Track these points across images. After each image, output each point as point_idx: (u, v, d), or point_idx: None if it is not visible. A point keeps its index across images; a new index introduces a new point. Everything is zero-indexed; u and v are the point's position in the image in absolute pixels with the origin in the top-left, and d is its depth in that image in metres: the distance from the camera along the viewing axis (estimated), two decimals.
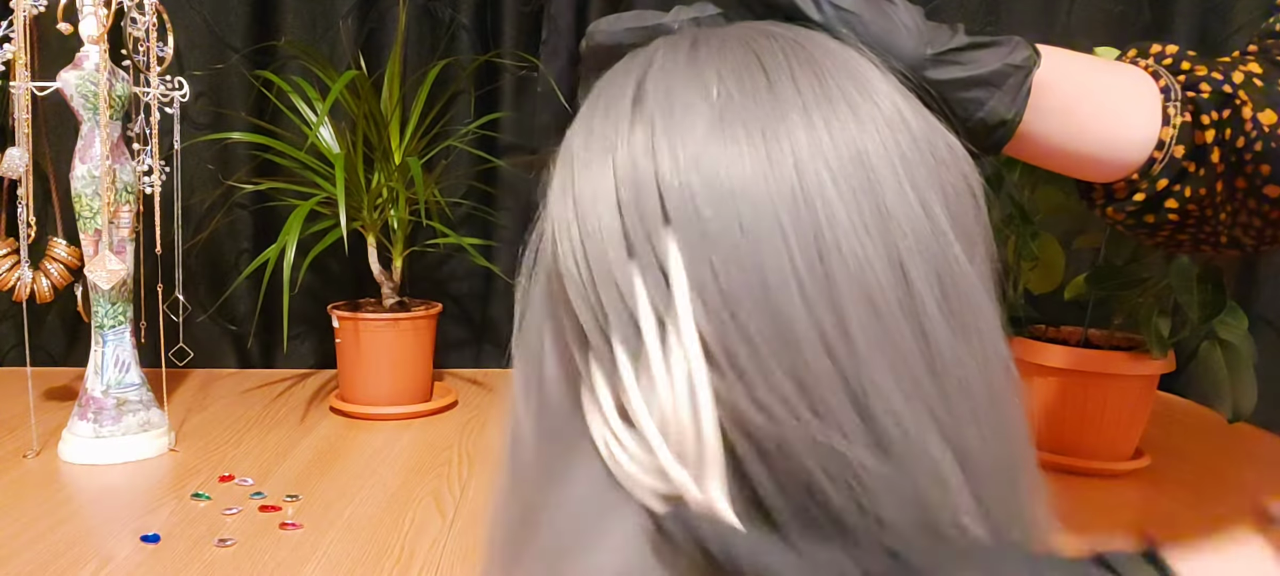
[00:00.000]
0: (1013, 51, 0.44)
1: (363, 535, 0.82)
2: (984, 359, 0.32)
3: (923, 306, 0.31)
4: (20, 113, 0.95)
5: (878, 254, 0.30)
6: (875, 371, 0.30)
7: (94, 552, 0.77)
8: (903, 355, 0.30)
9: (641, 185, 0.31)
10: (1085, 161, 0.49)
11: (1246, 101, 0.48)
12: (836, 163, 0.31)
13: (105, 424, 0.99)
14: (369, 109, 1.14)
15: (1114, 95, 0.49)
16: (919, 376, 0.30)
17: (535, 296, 0.36)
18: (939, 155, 0.33)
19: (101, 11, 0.95)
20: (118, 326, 1.00)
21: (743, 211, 0.30)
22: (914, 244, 0.31)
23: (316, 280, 1.37)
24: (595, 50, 0.39)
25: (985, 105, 0.44)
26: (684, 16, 0.38)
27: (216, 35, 1.32)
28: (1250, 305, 1.25)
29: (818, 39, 0.35)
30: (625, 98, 0.34)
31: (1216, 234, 0.52)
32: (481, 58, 1.34)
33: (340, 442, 1.07)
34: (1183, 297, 0.88)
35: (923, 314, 0.31)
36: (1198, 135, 0.49)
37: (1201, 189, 0.50)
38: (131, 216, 0.99)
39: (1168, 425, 1.17)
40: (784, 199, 0.30)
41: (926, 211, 0.32)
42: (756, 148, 0.31)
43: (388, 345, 1.16)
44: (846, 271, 0.30)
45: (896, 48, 0.40)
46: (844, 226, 0.30)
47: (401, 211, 1.18)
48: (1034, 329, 1.05)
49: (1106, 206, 0.52)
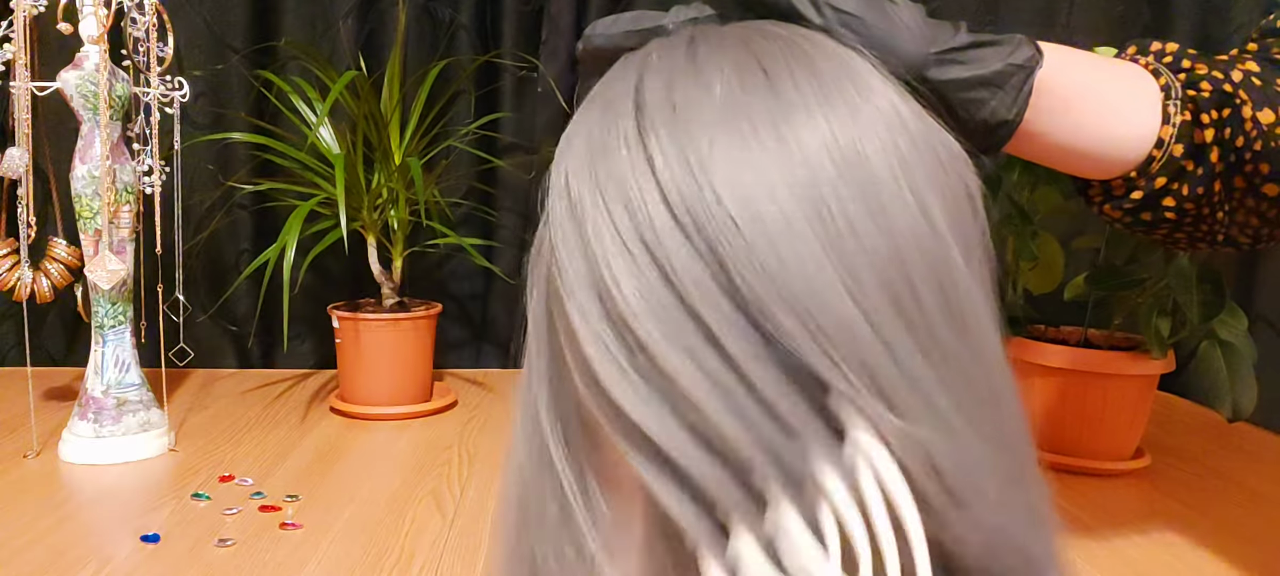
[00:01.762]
0: (1015, 50, 0.44)
1: (363, 535, 0.82)
2: (983, 359, 0.32)
3: (923, 305, 0.31)
4: (20, 113, 0.95)
5: (884, 252, 0.30)
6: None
7: (94, 552, 0.77)
8: (918, 352, 0.30)
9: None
10: (1084, 159, 0.49)
11: (1246, 101, 0.48)
12: (841, 161, 0.31)
13: (105, 424, 0.99)
14: (369, 109, 1.14)
15: (1114, 93, 0.49)
16: (929, 377, 0.30)
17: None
18: (937, 157, 0.33)
19: (101, 11, 0.95)
20: (118, 326, 1.00)
21: (770, 214, 0.29)
22: (913, 244, 0.31)
23: (316, 280, 1.37)
24: (593, 53, 0.39)
25: (987, 105, 0.44)
26: (682, 17, 0.38)
27: (216, 35, 1.32)
28: (1250, 305, 1.25)
29: (815, 39, 0.35)
30: (628, 117, 0.32)
31: (1213, 232, 0.52)
32: (481, 58, 1.34)
33: (340, 442, 1.07)
34: (1182, 298, 0.88)
35: (924, 312, 0.31)
36: (1197, 134, 0.49)
37: (1199, 188, 0.50)
38: (131, 216, 0.99)
39: (1168, 425, 1.17)
40: (806, 199, 0.29)
41: (924, 212, 0.31)
42: (766, 145, 0.30)
43: (388, 345, 1.17)
44: (871, 268, 0.30)
45: (898, 48, 0.40)
46: (861, 224, 0.30)
47: (401, 211, 1.18)
48: (1034, 329, 1.05)
49: (1104, 204, 0.52)
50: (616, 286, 0.29)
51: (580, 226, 0.31)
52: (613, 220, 0.30)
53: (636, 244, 0.29)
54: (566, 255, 0.31)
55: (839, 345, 0.28)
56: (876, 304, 0.29)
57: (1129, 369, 0.96)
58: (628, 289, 0.29)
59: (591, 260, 0.30)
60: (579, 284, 0.30)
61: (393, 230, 1.20)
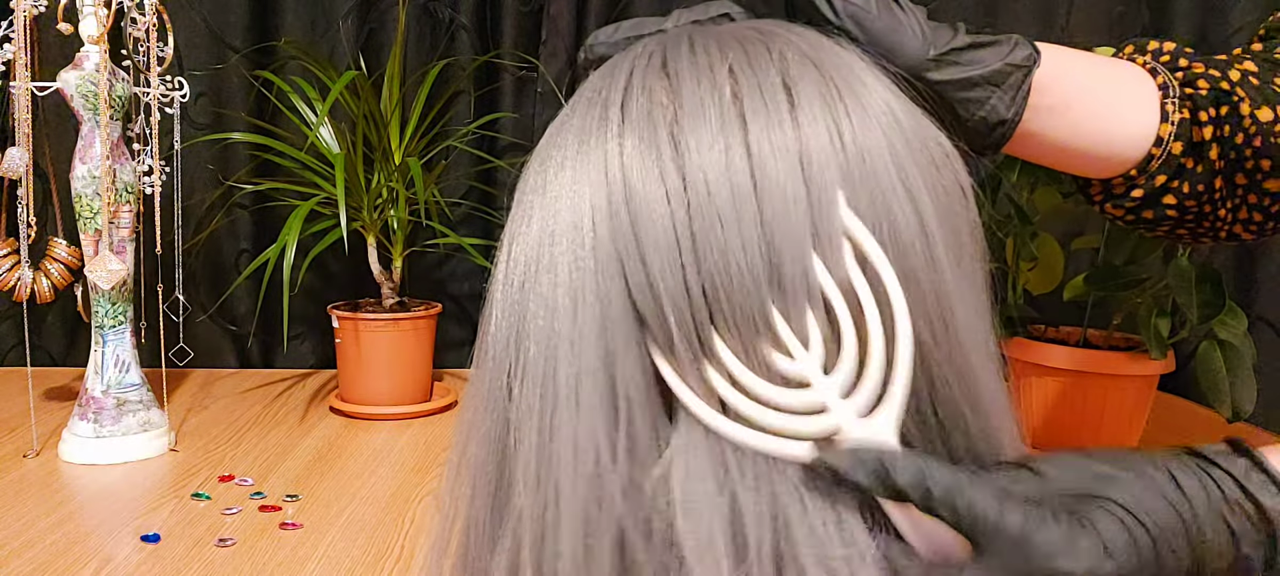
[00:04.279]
0: (1013, 50, 0.45)
1: (363, 535, 0.82)
2: (961, 348, 0.33)
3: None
4: (20, 113, 0.95)
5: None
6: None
7: (94, 552, 0.77)
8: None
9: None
10: (1083, 158, 0.49)
11: (1244, 98, 0.48)
12: (849, 153, 0.32)
13: (105, 424, 0.99)
14: (369, 109, 1.14)
15: (1112, 93, 0.49)
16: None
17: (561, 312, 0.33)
18: (931, 155, 0.34)
19: (101, 12, 0.95)
20: (118, 326, 1.00)
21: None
22: (905, 242, 0.32)
23: (316, 280, 1.37)
24: (596, 62, 0.39)
25: (986, 104, 0.44)
26: (684, 21, 0.39)
27: (216, 35, 1.32)
28: (1250, 305, 1.25)
29: (810, 36, 0.36)
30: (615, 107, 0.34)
31: (1216, 228, 0.52)
32: (481, 58, 1.34)
33: (340, 442, 1.07)
34: (1182, 298, 0.88)
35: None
36: (1196, 132, 0.49)
37: (1200, 185, 0.50)
38: (131, 216, 1.00)
39: (1168, 425, 1.17)
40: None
41: (917, 209, 0.32)
42: (785, 129, 0.32)
43: (387, 345, 1.17)
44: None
45: (902, 48, 0.40)
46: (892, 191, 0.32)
47: (401, 211, 1.18)
48: (1033, 329, 1.05)
49: (1105, 202, 0.52)
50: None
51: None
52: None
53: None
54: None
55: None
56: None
57: (1129, 369, 0.96)
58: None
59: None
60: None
61: (393, 230, 1.20)
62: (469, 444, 0.36)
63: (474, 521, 0.35)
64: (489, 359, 0.35)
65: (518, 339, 0.34)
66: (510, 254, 0.35)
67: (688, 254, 0.31)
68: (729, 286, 0.31)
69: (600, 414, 0.31)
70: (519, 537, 0.33)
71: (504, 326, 0.34)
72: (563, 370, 0.32)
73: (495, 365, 0.34)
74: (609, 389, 0.32)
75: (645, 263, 0.31)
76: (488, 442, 0.35)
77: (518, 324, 0.34)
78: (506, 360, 0.34)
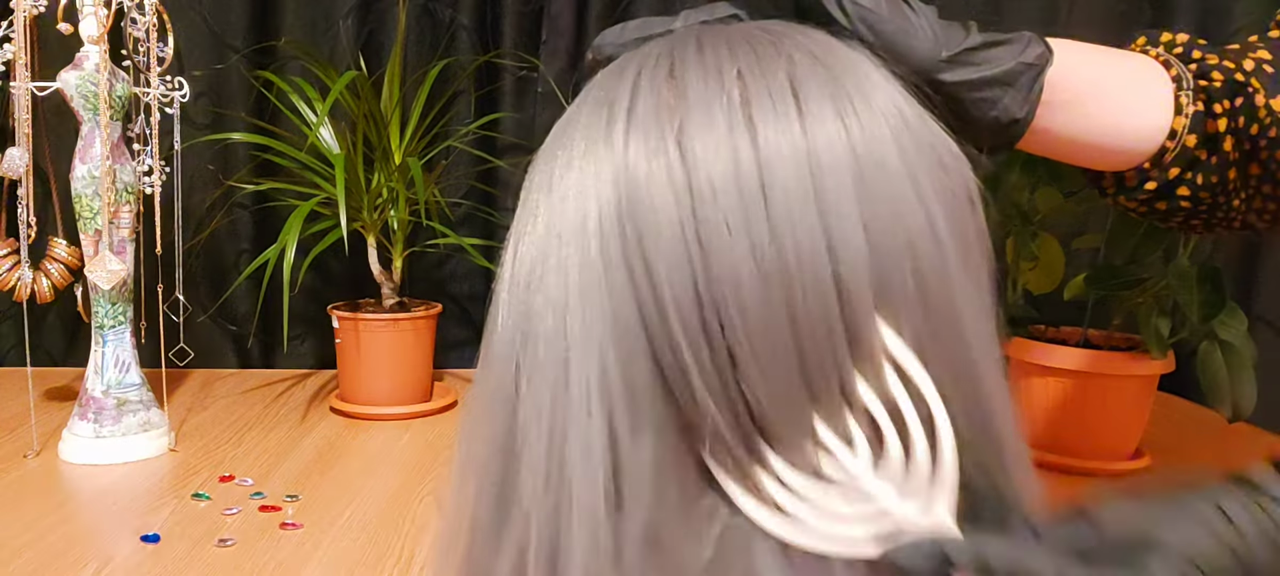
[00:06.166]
0: (1026, 49, 0.44)
1: (363, 535, 0.82)
2: (966, 346, 0.33)
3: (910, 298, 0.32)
4: (20, 113, 0.95)
5: (882, 249, 0.32)
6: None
7: (94, 552, 0.77)
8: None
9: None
10: (1097, 152, 0.49)
11: (1259, 89, 0.48)
12: (858, 155, 0.31)
13: (105, 424, 0.99)
14: (369, 109, 1.14)
15: (1125, 86, 0.49)
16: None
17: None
18: (939, 159, 0.33)
19: (101, 12, 0.95)
20: (118, 326, 1.00)
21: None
22: (912, 243, 0.32)
23: (316, 280, 1.37)
24: (604, 62, 0.39)
25: (999, 104, 0.44)
26: (693, 21, 0.38)
27: (216, 35, 1.32)
28: (1250, 305, 1.25)
29: (820, 38, 0.35)
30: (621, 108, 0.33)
31: (1230, 218, 0.52)
32: (481, 58, 1.34)
33: (340, 442, 1.07)
34: (1182, 298, 0.88)
35: (908, 303, 0.32)
36: (1210, 123, 0.49)
37: (1213, 177, 0.50)
38: (131, 216, 0.99)
39: (1168, 425, 1.17)
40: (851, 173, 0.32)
41: (927, 212, 0.32)
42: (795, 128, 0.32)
43: (388, 345, 1.16)
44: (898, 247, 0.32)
45: (913, 49, 0.40)
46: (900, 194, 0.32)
47: (401, 211, 1.18)
48: (1034, 329, 1.05)
49: (1118, 194, 0.52)
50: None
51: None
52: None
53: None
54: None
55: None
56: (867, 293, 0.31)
57: (1129, 369, 0.96)
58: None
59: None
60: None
61: (393, 230, 1.20)
62: (473, 443, 0.36)
63: (477, 521, 0.35)
64: (495, 357, 0.35)
65: (525, 339, 0.33)
66: (516, 253, 0.35)
67: (697, 260, 0.30)
68: (739, 297, 0.30)
69: (611, 416, 0.31)
70: (526, 539, 0.33)
71: (510, 325, 0.34)
72: (573, 372, 0.32)
73: (501, 364, 0.34)
74: (620, 391, 0.31)
75: (650, 269, 0.31)
76: (492, 442, 0.35)
77: (524, 323, 0.33)
78: (513, 359, 0.34)
